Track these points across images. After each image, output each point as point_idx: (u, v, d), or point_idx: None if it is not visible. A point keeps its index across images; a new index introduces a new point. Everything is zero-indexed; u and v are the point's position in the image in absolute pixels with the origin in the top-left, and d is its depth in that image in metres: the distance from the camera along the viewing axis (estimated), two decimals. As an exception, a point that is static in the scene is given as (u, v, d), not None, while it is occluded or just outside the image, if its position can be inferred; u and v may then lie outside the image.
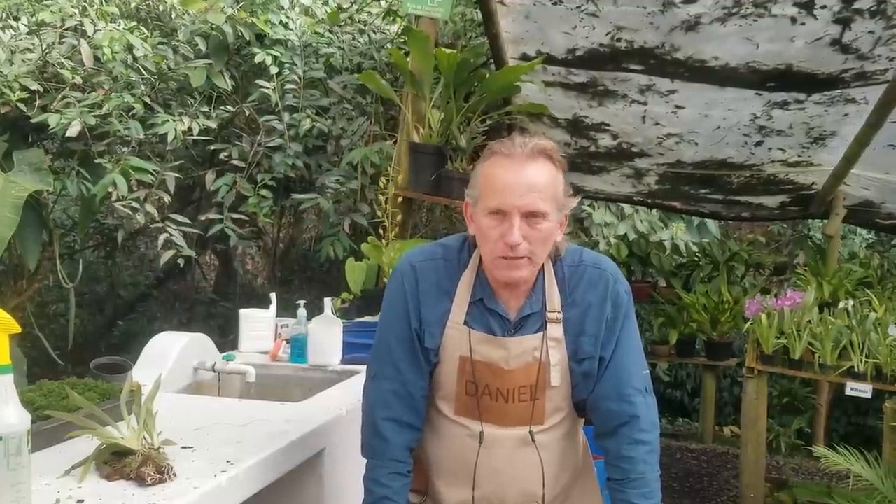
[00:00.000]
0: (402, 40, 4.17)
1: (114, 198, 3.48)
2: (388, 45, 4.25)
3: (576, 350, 1.56)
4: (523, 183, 1.46)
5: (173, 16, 4.11)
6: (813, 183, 4.78)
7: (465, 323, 1.56)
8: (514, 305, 1.58)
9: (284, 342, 2.82)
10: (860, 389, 3.24)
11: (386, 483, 1.59)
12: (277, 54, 3.98)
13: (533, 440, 1.58)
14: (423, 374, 1.61)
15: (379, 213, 3.53)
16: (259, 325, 2.90)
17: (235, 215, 3.95)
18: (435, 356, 1.59)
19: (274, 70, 3.93)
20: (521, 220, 1.46)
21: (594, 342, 1.57)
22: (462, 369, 1.57)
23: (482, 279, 1.58)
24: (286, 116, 3.96)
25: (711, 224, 6.82)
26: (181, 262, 3.77)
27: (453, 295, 1.58)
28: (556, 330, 1.56)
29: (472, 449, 1.59)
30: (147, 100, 3.72)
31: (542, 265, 1.57)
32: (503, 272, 1.51)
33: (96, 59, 3.61)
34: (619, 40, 3.44)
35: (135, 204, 3.55)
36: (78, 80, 3.56)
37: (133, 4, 4.08)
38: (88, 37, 3.61)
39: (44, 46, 3.62)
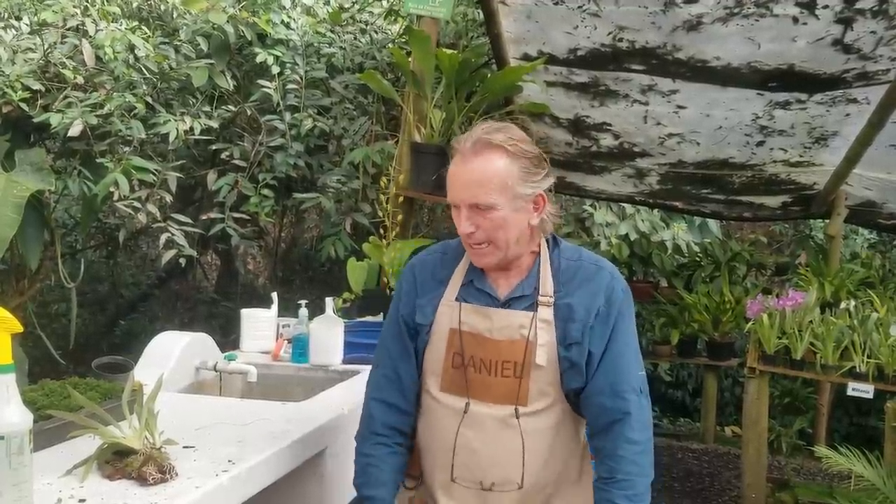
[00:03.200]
0: (403, 40, 4.17)
1: (115, 197, 3.49)
2: (390, 45, 4.25)
3: (564, 335, 1.59)
4: (466, 178, 1.55)
5: (175, 15, 4.11)
6: (815, 183, 4.78)
7: (457, 300, 1.64)
8: (505, 286, 1.64)
9: (286, 342, 2.82)
10: (862, 390, 3.24)
11: (369, 452, 1.67)
12: (279, 54, 3.98)
13: (518, 421, 1.58)
14: (412, 360, 1.69)
15: (380, 213, 3.52)
16: (261, 325, 2.91)
17: (237, 215, 3.95)
18: (426, 333, 1.65)
19: (275, 70, 3.93)
20: (470, 211, 1.55)
21: (581, 329, 1.58)
22: (451, 342, 1.63)
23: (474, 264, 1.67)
24: (288, 116, 3.97)
25: (713, 224, 6.81)
26: (183, 261, 3.78)
27: (448, 282, 1.67)
28: (546, 312, 1.60)
29: (452, 429, 1.62)
30: (149, 99, 3.72)
31: (538, 253, 1.64)
32: (473, 258, 1.63)
33: (98, 58, 3.62)
34: (620, 40, 3.44)
35: (136, 203, 3.55)
36: (80, 79, 3.57)
37: (135, 4, 4.08)
38: (90, 36, 3.62)
39: (45, 46, 3.63)
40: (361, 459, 1.68)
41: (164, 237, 3.65)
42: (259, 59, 3.90)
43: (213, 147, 4.11)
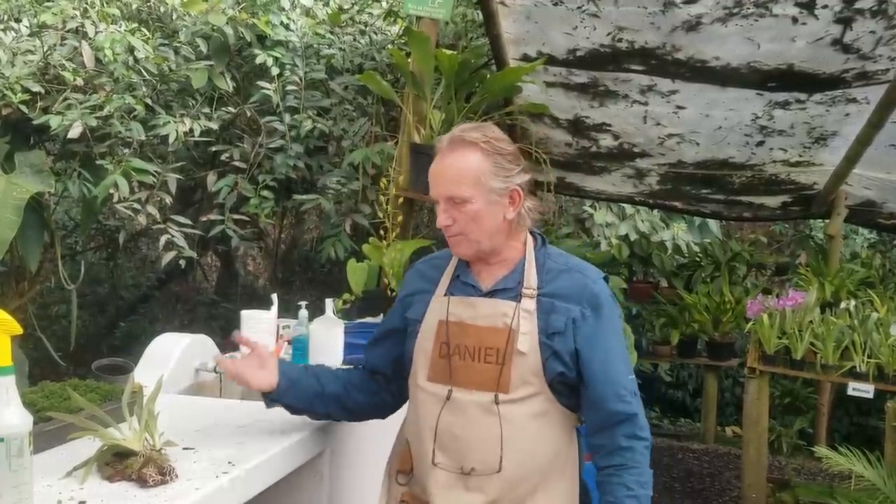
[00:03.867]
0: (402, 41, 4.17)
1: (115, 199, 3.48)
2: (389, 46, 4.24)
3: (546, 325, 1.64)
4: (441, 173, 1.67)
5: (174, 17, 4.11)
6: (814, 183, 4.78)
7: (446, 294, 1.73)
8: (489, 279, 1.71)
9: (286, 343, 2.82)
10: (862, 389, 3.25)
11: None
12: (278, 55, 3.98)
13: (497, 408, 1.62)
14: (386, 352, 1.82)
15: (380, 214, 3.52)
16: (260, 326, 2.89)
17: (237, 216, 3.95)
18: (416, 327, 1.73)
19: (275, 71, 3.93)
20: (447, 204, 1.66)
21: (565, 321, 1.64)
22: (439, 332, 1.70)
23: (461, 260, 1.76)
24: (287, 117, 3.96)
25: (713, 224, 6.81)
26: (183, 263, 3.77)
27: (440, 281, 1.77)
28: (529, 304, 1.65)
29: (434, 414, 1.66)
30: (148, 101, 3.72)
31: (524, 250, 1.71)
32: (452, 249, 1.72)
33: (97, 60, 3.61)
34: (620, 41, 3.44)
35: (136, 205, 3.54)
36: (79, 81, 3.57)
37: (134, 6, 4.08)
38: (90, 38, 3.62)
39: (45, 48, 3.63)
40: None
41: (163, 239, 3.65)
42: (258, 60, 3.90)
43: (213, 148, 4.11)
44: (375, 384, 1.84)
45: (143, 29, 3.80)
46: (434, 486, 1.66)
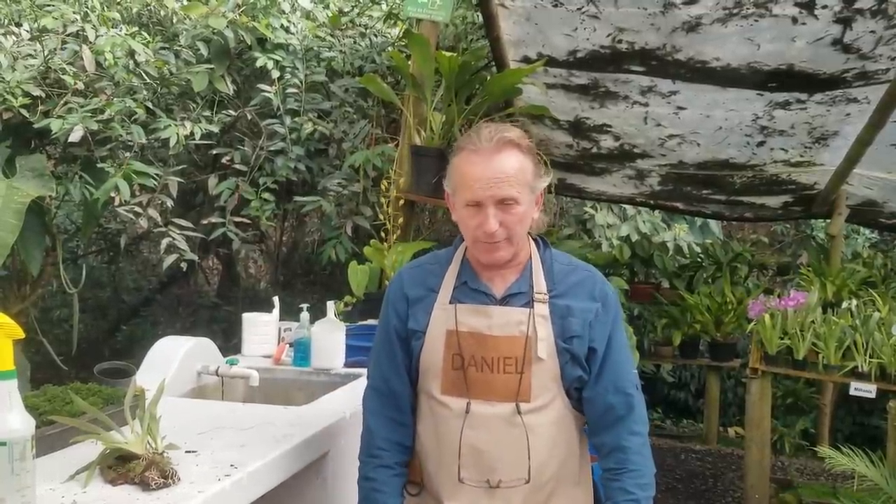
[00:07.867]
0: (403, 43, 4.17)
1: (116, 202, 3.48)
2: (389, 49, 4.25)
3: (563, 329, 1.63)
4: (492, 175, 1.57)
5: (174, 21, 4.12)
6: (815, 183, 4.78)
7: (451, 302, 1.66)
8: (501, 284, 1.66)
9: (287, 346, 2.83)
10: (864, 389, 3.24)
11: (372, 476, 1.69)
12: (279, 58, 3.98)
13: (521, 418, 1.60)
14: (401, 370, 1.70)
15: (381, 216, 3.53)
16: (262, 329, 2.91)
17: (238, 219, 3.95)
18: (421, 337, 1.66)
19: (275, 74, 3.93)
20: (495, 207, 1.57)
21: (581, 324, 1.63)
22: (448, 343, 1.64)
23: (466, 265, 1.69)
24: (288, 120, 3.97)
25: (714, 225, 6.82)
26: (184, 266, 3.77)
27: (439, 288, 1.69)
28: (542, 309, 1.63)
29: (456, 430, 1.63)
30: (149, 104, 3.72)
31: (530, 252, 1.69)
32: (484, 255, 1.63)
33: (98, 64, 3.62)
34: (620, 42, 3.44)
35: (137, 208, 3.55)
36: (80, 85, 3.57)
37: (134, 10, 4.09)
38: (90, 42, 3.62)
39: (46, 52, 3.63)
40: (365, 485, 1.70)
41: (165, 242, 3.65)
42: (259, 63, 3.90)
43: (214, 151, 4.11)
44: (410, 434, 1.73)
45: (143, 32, 3.81)
46: (458, 501, 1.64)
